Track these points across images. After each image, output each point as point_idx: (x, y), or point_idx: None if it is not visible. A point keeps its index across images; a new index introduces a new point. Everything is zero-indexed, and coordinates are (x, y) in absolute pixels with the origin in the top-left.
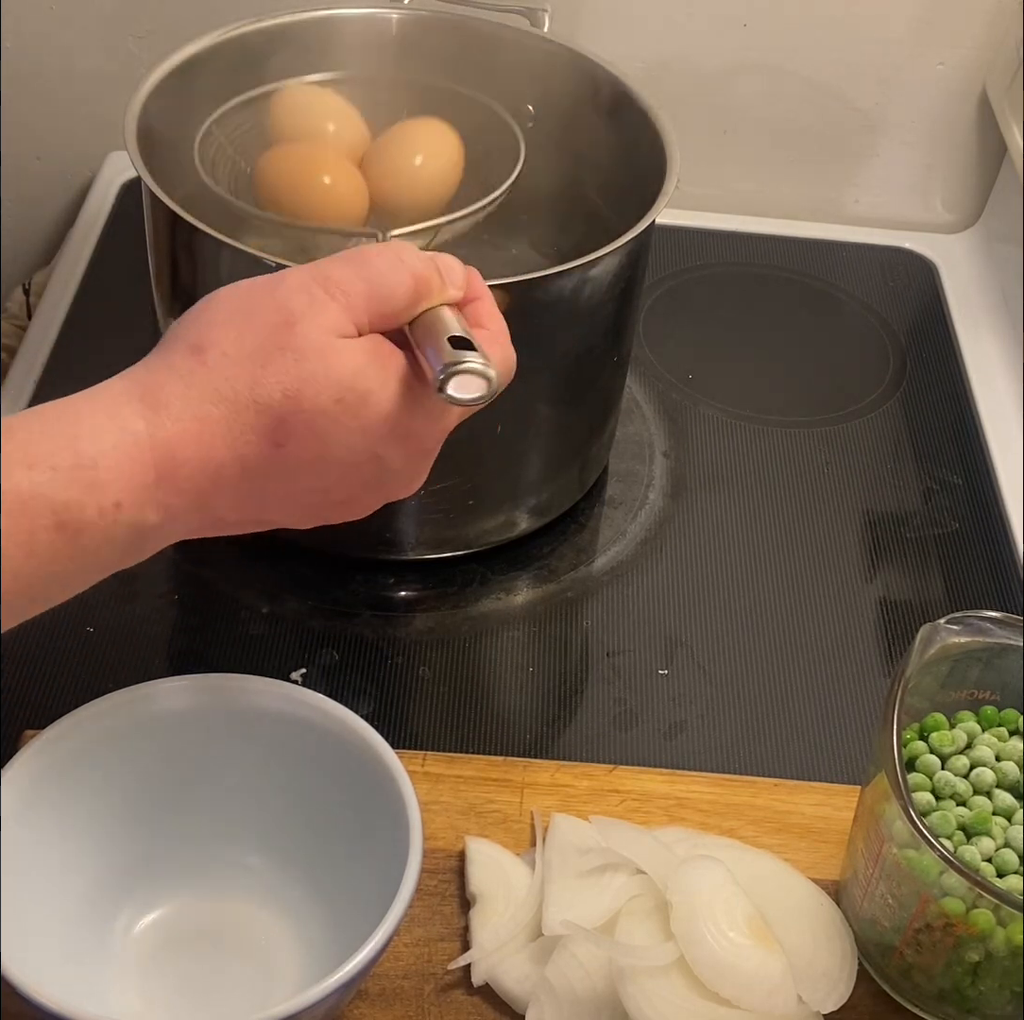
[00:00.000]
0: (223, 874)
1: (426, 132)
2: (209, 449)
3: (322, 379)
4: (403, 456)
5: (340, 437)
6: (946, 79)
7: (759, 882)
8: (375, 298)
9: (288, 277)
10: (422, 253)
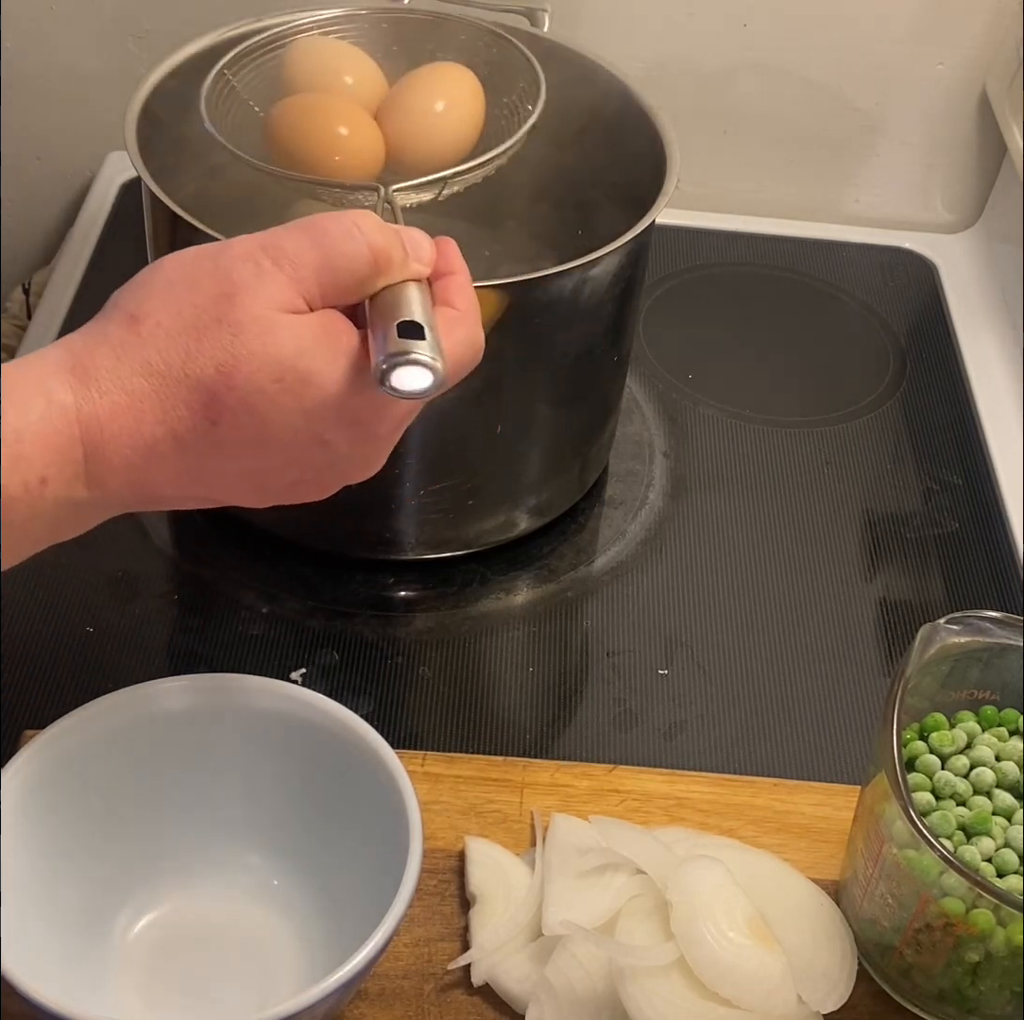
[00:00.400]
0: (223, 874)
1: (445, 77)
2: (139, 423)
3: (260, 356)
4: (351, 441)
5: (280, 418)
6: (946, 79)
7: (759, 882)
8: (328, 270)
9: (235, 245)
10: (385, 225)
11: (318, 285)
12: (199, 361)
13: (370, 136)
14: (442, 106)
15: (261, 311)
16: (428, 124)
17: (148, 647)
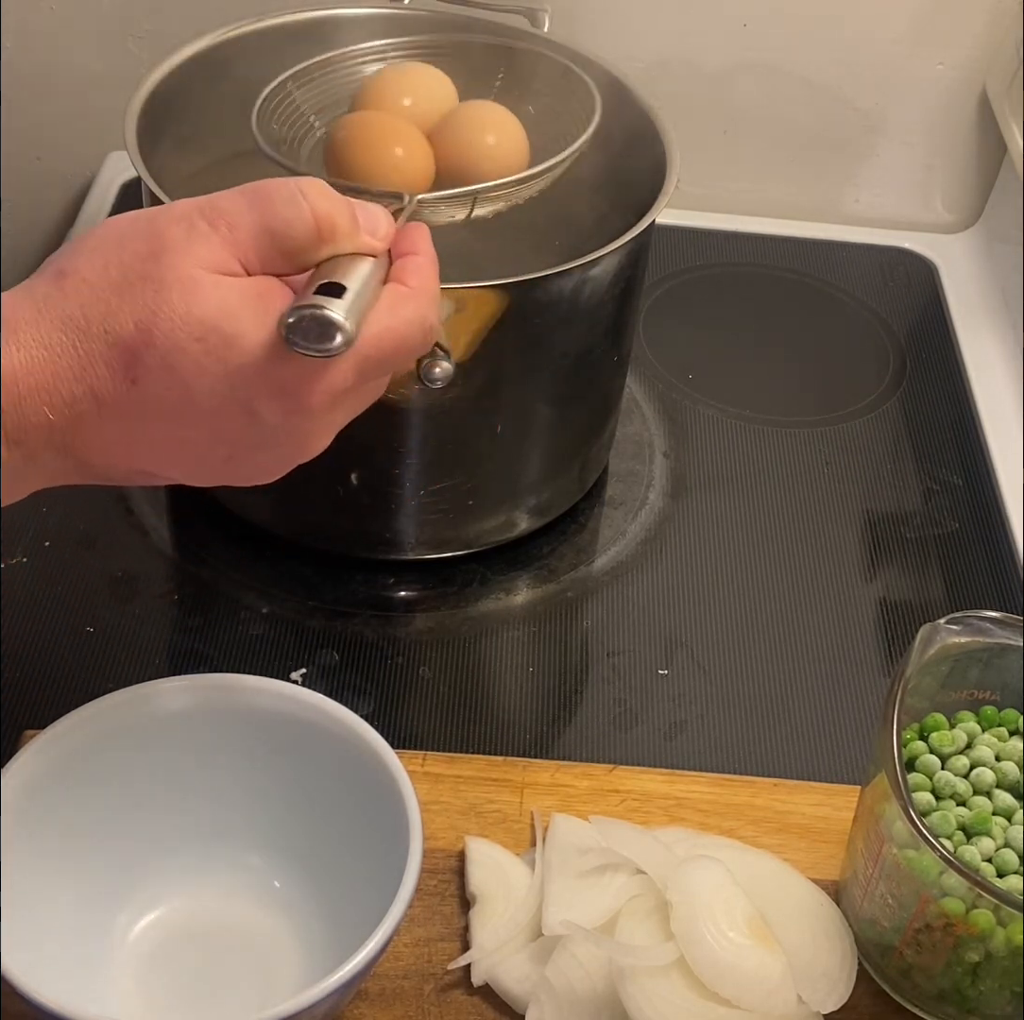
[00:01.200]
0: (223, 874)
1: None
2: (56, 380)
3: (181, 314)
4: (279, 412)
5: (201, 381)
6: (946, 79)
7: (759, 882)
8: (267, 234)
9: (173, 207)
10: (335, 193)
11: (256, 249)
12: (119, 317)
13: (422, 157)
14: (492, 139)
15: (188, 270)
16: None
17: (148, 647)
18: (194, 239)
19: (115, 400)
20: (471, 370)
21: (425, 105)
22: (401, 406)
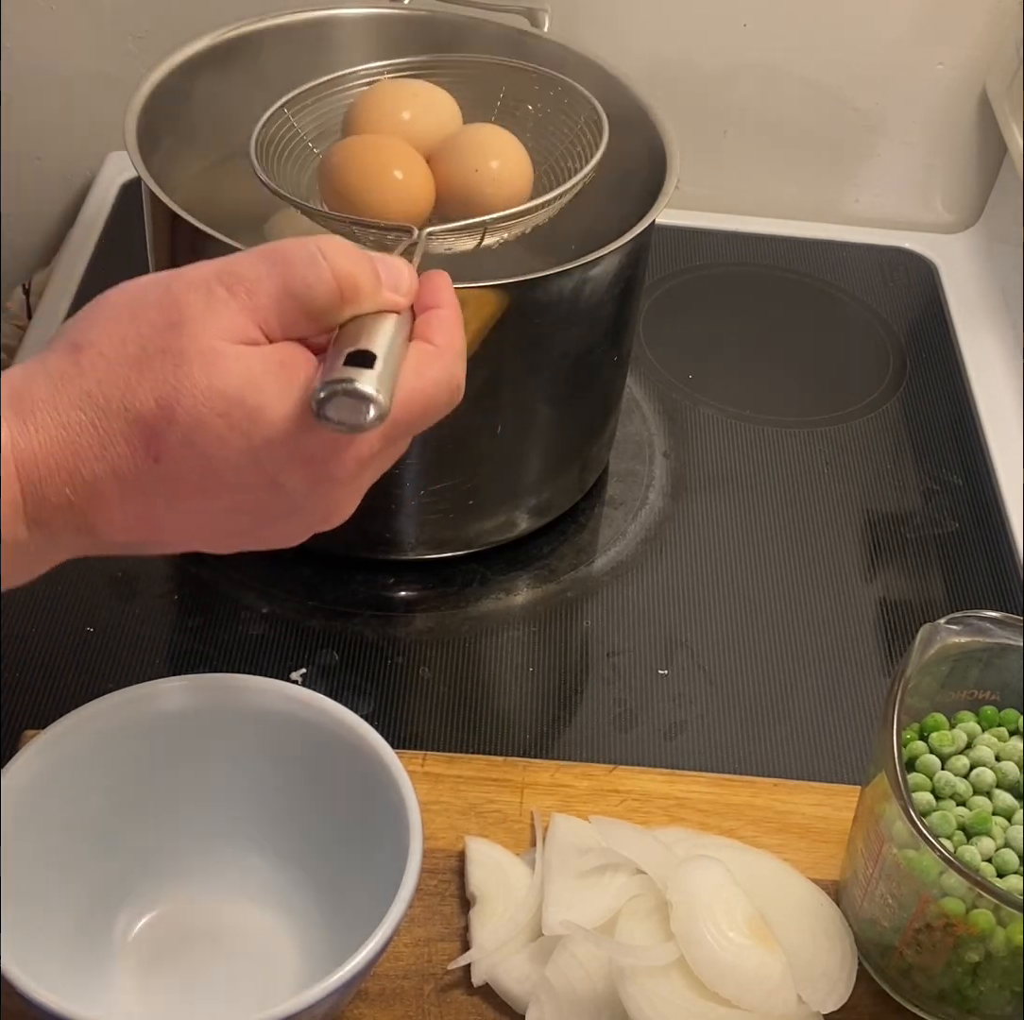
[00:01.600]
0: (223, 874)
1: (497, 139)
2: (77, 459)
3: (203, 389)
4: (305, 484)
5: (225, 455)
6: (946, 79)
7: (759, 882)
8: (288, 298)
9: (189, 272)
10: (356, 250)
11: (277, 314)
12: (139, 393)
13: (422, 180)
14: (494, 163)
15: (209, 342)
16: (475, 177)
17: (148, 647)
18: (213, 307)
19: (136, 478)
20: (471, 370)
21: (425, 122)
22: None
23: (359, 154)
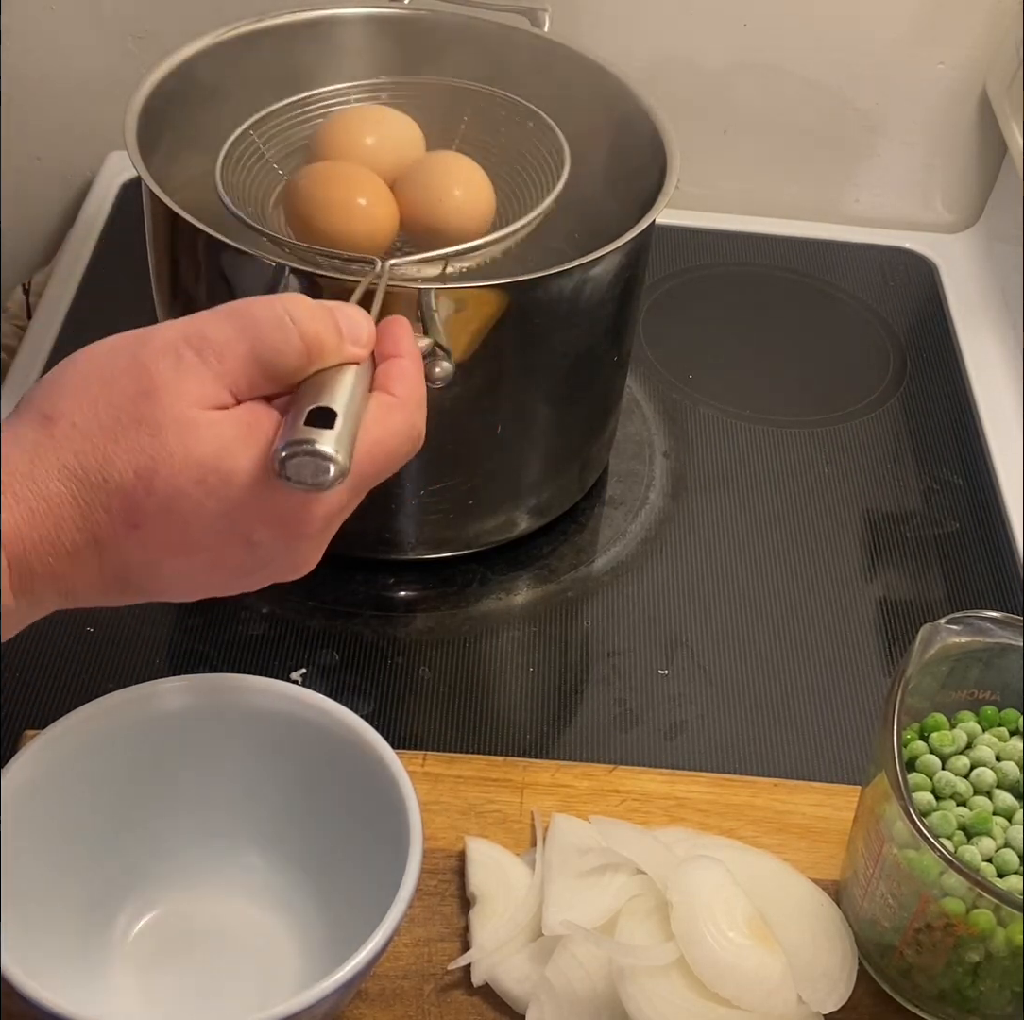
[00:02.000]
0: (223, 874)
1: (461, 165)
2: (58, 530)
3: (180, 458)
4: (277, 540)
5: (201, 519)
6: (946, 79)
7: (759, 882)
8: (257, 362)
9: (156, 336)
10: (319, 307)
11: (246, 377)
12: (117, 465)
13: (386, 208)
14: (457, 191)
15: (181, 410)
16: (440, 206)
17: (148, 647)
18: (183, 374)
19: (116, 544)
20: (471, 370)
21: (389, 148)
22: None
23: (324, 181)
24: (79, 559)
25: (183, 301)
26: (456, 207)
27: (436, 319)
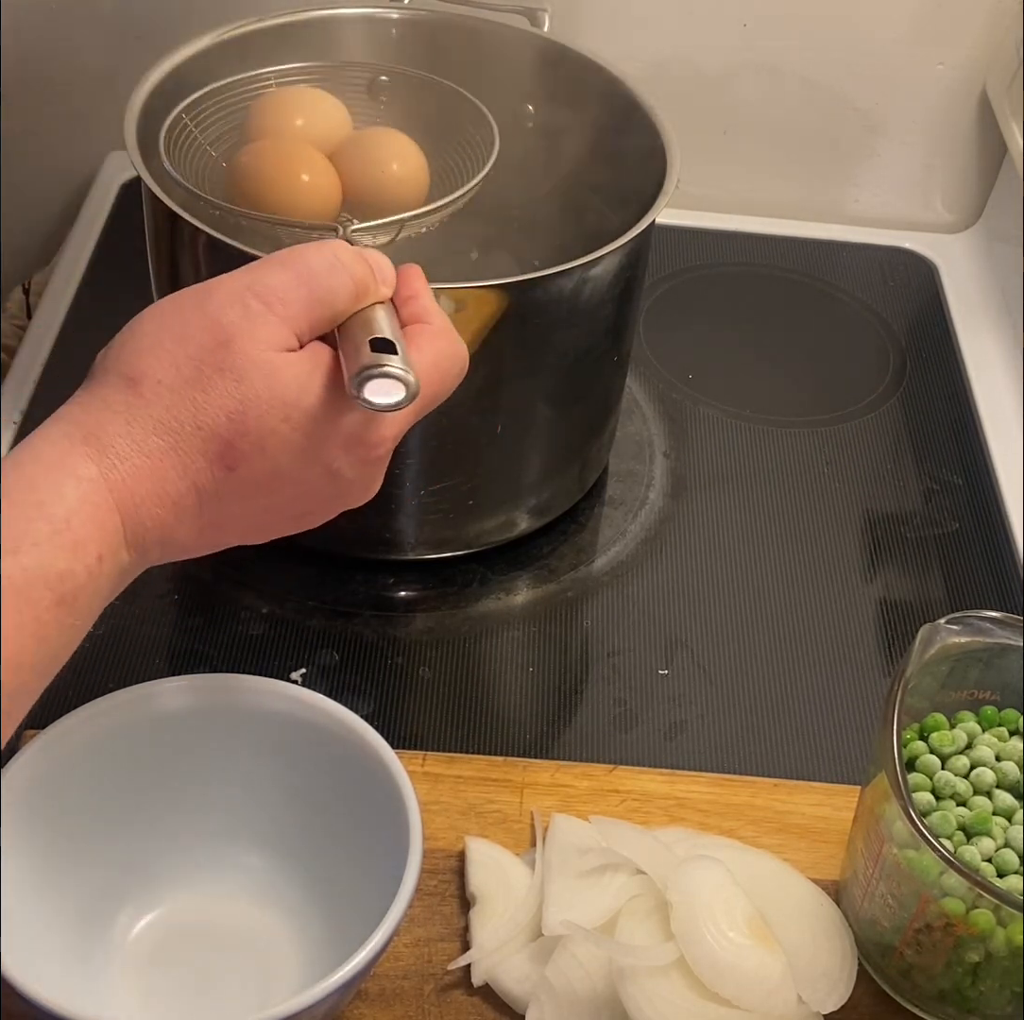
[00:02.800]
0: (223, 874)
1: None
2: (163, 482)
3: (266, 399)
4: (355, 465)
5: (291, 455)
6: (946, 79)
7: (759, 882)
8: (316, 304)
9: (218, 289)
10: (354, 250)
11: (308, 320)
12: (209, 412)
13: (329, 182)
14: (396, 164)
15: (259, 354)
16: (382, 177)
17: (148, 647)
18: (254, 321)
19: (214, 488)
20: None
21: (319, 127)
22: None
23: (265, 159)
24: (181, 507)
25: None
26: (398, 178)
27: None
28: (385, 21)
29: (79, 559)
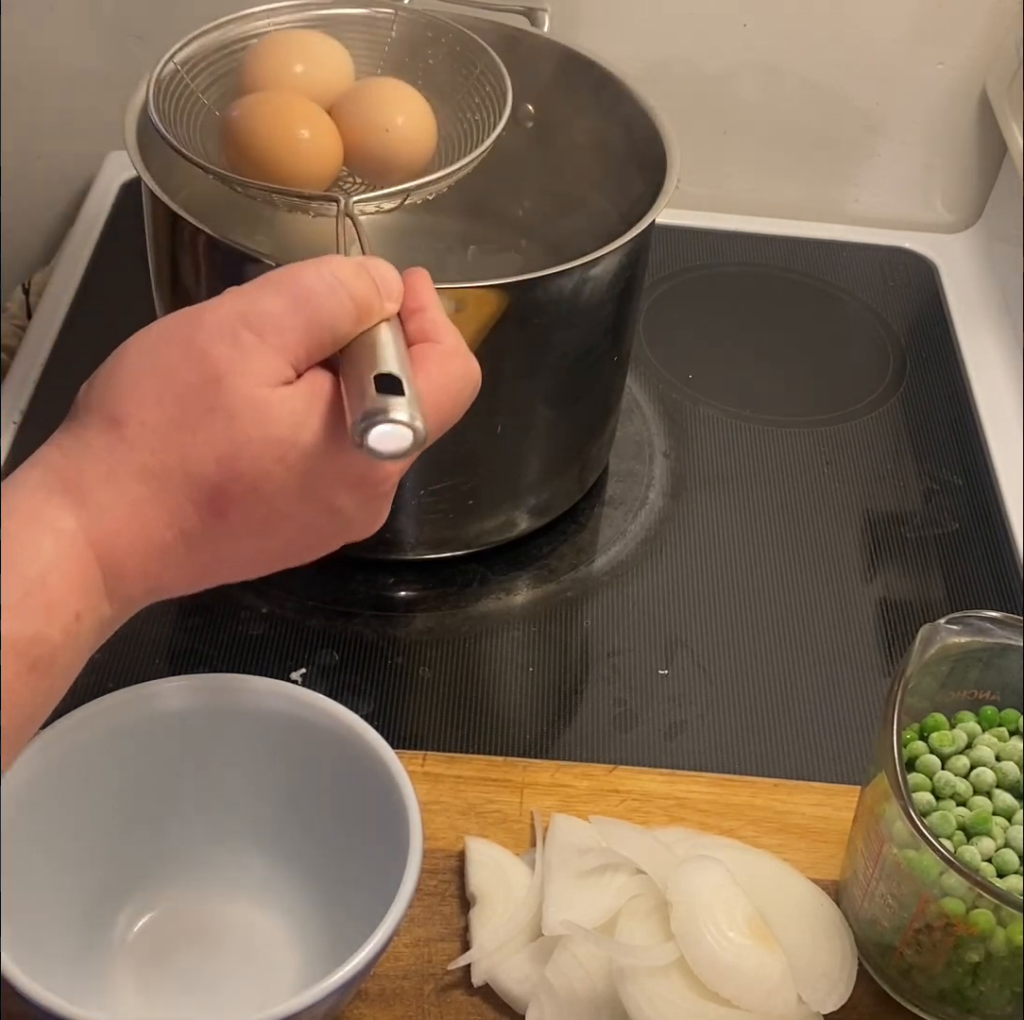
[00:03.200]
0: (223, 874)
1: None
2: (148, 531)
3: (259, 440)
4: (358, 503)
5: (288, 496)
6: (946, 79)
7: (759, 882)
8: (315, 330)
9: (208, 318)
10: (359, 267)
11: (304, 347)
12: (197, 456)
13: (329, 140)
14: (401, 120)
15: (251, 391)
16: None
17: (148, 647)
18: (245, 354)
19: (204, 534)
20: None
21: (320, 75)
22: None
23: (262, 115)
24: (168, 555)
25: (183, 301)
26: (403, 137)
27: None
28: (385, 21)
29: (54, 621)
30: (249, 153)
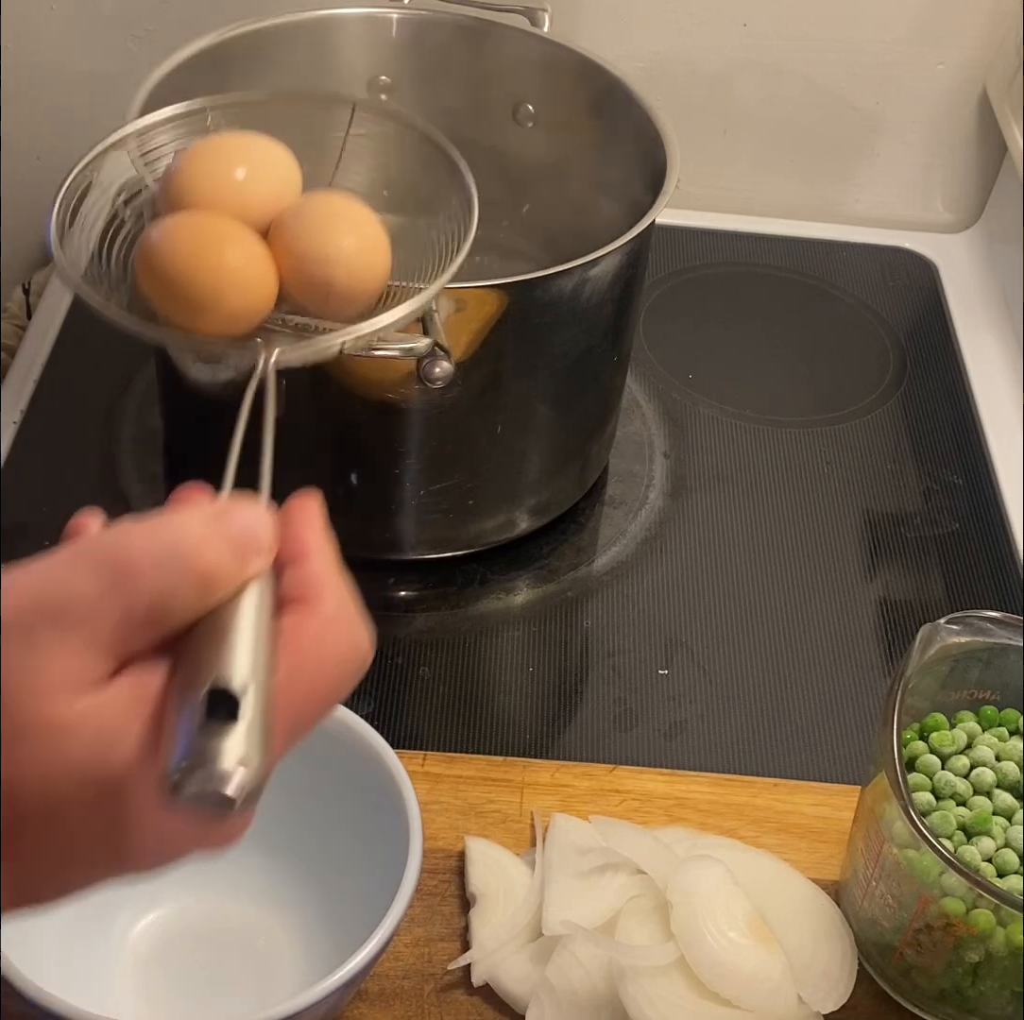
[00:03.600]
0: (223, 874)
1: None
2: None
3: (59, 765)
4: (191, 843)
5: (89, 836)
6: (946, 79)
7: (759, 882)
8: (139, 614)
9: None
10: (210, 520)
11: (122, 639)
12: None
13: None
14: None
15: (42, 709)
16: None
17: None
18: (40, 659)
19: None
20: (471, 370)
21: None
22: (401, 406)
23: (184, 241)
24: None
25: None
26: (348, 271)
27: (436, 319)
28: (385, 21)
29: None
30: (166, 287)
